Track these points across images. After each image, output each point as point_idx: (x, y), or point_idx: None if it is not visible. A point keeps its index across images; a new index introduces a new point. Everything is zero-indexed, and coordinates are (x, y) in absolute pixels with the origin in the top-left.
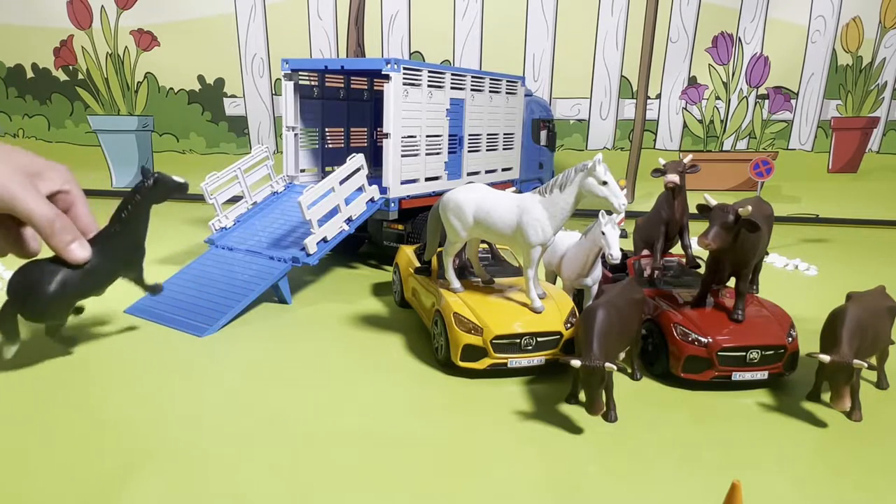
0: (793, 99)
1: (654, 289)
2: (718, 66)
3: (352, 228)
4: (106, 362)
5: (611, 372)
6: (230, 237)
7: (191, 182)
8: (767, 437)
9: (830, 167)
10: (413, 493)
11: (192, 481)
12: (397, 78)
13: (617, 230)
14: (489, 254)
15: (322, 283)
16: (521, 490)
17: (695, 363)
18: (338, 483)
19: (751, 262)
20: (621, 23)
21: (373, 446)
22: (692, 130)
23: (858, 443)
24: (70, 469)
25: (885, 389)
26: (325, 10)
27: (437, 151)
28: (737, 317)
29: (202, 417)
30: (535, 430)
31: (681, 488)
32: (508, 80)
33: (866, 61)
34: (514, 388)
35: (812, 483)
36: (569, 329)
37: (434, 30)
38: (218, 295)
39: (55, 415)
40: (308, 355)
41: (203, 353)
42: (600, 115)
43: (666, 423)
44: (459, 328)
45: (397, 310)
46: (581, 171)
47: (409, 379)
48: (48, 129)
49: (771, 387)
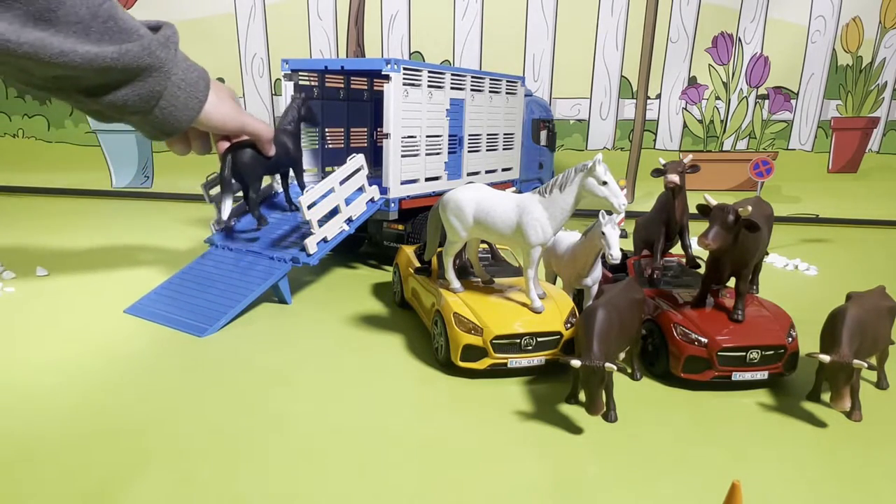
0: (793, 99)
1: (654, 289)
2: (718, 67)
3: (352, 229)
4: (105, 362)
5: (611, 372)
6: (230, 237)
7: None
8: (767, 437)
9: (830, 167)
10: (413, 493)
11: (191, 481)
12: (397, 78)
13: (617, 230)
14: (489, 254)
15: (322, 283)
16: (521, 490)
17: (695, 363)
18: (338, 483)
19: (751, 263)
20: (621, 23)
21: (372, 446)
22: (692, 130)
23: (858, 443)
24: (69, 469)
25: (885, 389)
26: (325, 10)
27: (437, 151)
28: (737, 317)
29: (202, 417)
30: (535, 430)
31: (681, 488)
32: (508, 81)
33: (866, 61)
34: (514, 388)
35: (812, 483)
36: (569, 329)
37: (434, 30)
38: (218, 295)
39: (55, 415)
40: (308, 355)
41: (203, 353)
42: (600, 116)
43: (666, 423)
44: (459, 328)
45: (397, 310)
46: (581, 171)
47: (409, 379)
48: (48, 129)
49: (771, 387)
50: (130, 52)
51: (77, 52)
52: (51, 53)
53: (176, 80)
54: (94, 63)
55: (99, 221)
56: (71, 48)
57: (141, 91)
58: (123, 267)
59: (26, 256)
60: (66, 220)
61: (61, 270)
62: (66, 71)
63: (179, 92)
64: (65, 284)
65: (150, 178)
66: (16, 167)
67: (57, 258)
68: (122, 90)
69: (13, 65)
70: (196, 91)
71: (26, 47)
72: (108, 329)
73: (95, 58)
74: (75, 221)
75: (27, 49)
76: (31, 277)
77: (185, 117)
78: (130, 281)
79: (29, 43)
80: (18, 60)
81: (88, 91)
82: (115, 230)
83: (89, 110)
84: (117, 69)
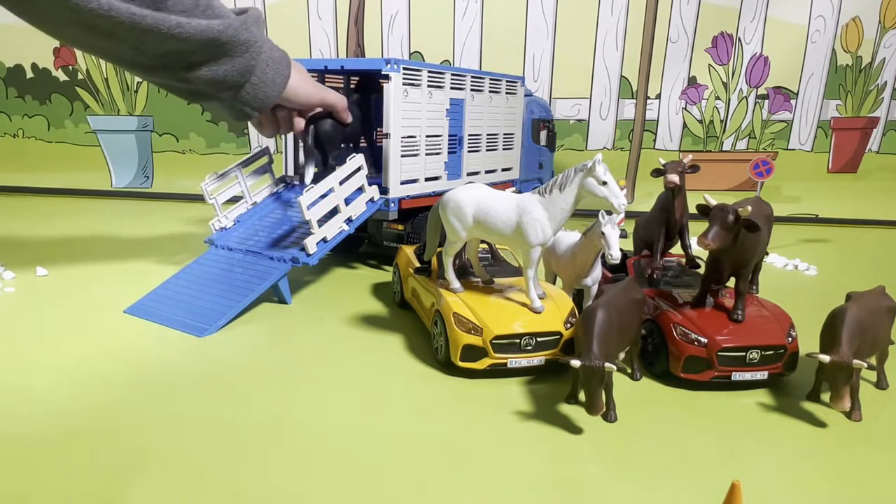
0: (792, 99)
1: (654, 289)
2: (718, 66)
3: (352, 228)
4: (105, 362)
5: (611, 372)
6: (230, 237)
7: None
8: (767, 437)
9: (830, 167)
10: (413, 493)
11: (191, 481)
12: (397, 78)
13: (617, 230)
14: (489, 254)
15: (322, 283)
16: (521, 490)
17: (695, 363)
18: (337, 482)
19: (751, 263)
20: (621, 23)
21: (372, 446)
22: (692, 130)
23: (858, 443)
24: (69, 469)
25: (885, 389)
26: (325, 10)
27: (436, 151)
28: (737, 317)
29: (202, 417)
30: (535, 430)
31: (681, 488)
32: (508, 81)
33: (866, 61)
34: (514, 388)
35: (812, 483)
36: (569, 329)
37: (434, 30)
38: (218, 295)
39: (55, 415)
40: (308, 355)
41: (203, 353)
42: (600, 115)
43: (666, 423)
44: (459, 328)
45: (397, 310)
46: (581, 171)
47: (409, 379)
48: (48, 129)
49: (771, 387)
50: (232, 25)
51: (190, 23)
52: (169, 25)
53: (265, 56)
54: (204, 34)
55: (99, 221)
56: (186, 21)
57: (238, 65)
58: (123, 267)
59: (26, 256)
60: (66, 220)
61: (61, 270)
62: (178, 44)
63: (267, 69)
64: (65, 284)
65: (150, 178)
66: (16, 167)
67: (57, 258)
68: (221, 64)
69: (132, 41)
70: (281, 67)
71: (149, 19)
72: (107, 329)
73: (206, 29)
74: (75, 221)
75: (150, 21)
76: (31, 277)
77: (273, 92)
78: (130, 281)
79: (152, 16)
80: (142, 34)
81: (191, 66)
82: (115, 230)
83: (188, 89)
84: (220, 42)
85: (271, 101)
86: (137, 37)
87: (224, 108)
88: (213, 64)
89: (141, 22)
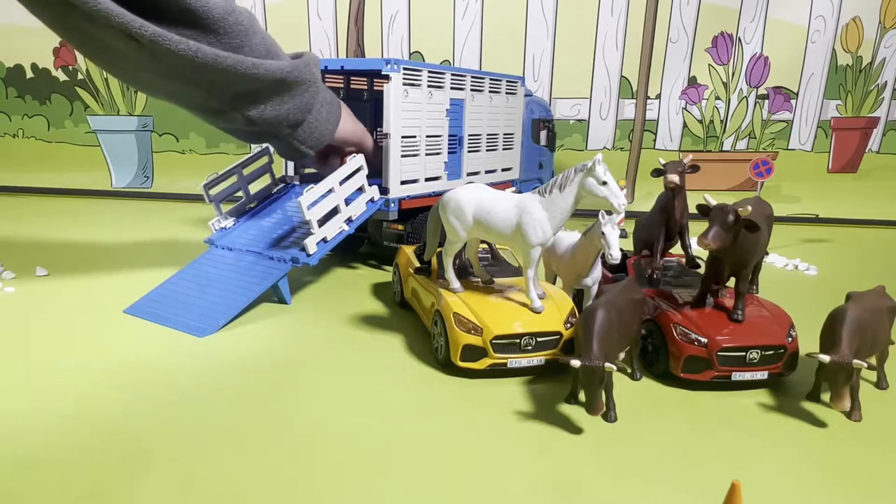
0: (793, 99)
1: (654, 289)
2: (718, 66)
3: (352, 229)
4: (105, 362)
5: (611, 372)
6: (230, 237)
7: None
8: (767, 437)
9: (830, 167)
10: (412, 493)
11: (191, 481)
12: (397, 78)
13: (617, 230)
14: (489, 254)
15: (322, 283)
16: (521, 490)
17: (695, 363)
18: (337, 482)
19: (751, 263)
20: (621, 23)
21: (372, 446)
22: (692, 130)
23: (858, 443)
24: (69, 469)
25: (885, 389)
26: (325, 10)
27: (436, 152)
28: (737, 317)
29: (202, 417)
30: (534, 430)
31: (681, 488)
32: (508, 81)
33: (866, 61)
34: (514, 388)
35: (812, 483)
36: (569, 329)
37: (434, 30)
38: (218, 295)
39: (54, 415)
40: (308, 355)
41: (203, 353)
42: (600, 115)
43: (666, 424)
44: (459, 328)
45: (397, 310)
46: (581, 171)
47: (409, 379)
48: (48, 129)
49: (771, 387)
50: (297, 66)
51: (264, 64)
52: (246, 66)
53: (321, 97)
54: (275, 74)
55: (99, 221)
56: (260, 62)
57: (299, 103)
58: (123, 267)
59: (26, 256)
60: (66, 220)
61: (61, 270)
62: (250, 84)
63: (322, 109)
64: (65, 284)
65: (150, 178)
66: (16, 167)
67: (57, 258)
68: (285, 103)
69: (206, 84)
70: (333, 108)
71: (230, 60)
72: (107, 329)
73: (277, 69)
74: (75, 221)
75: (231, 62)
76: (31, 277)
77: (327, 131)
78: (130, 281)
79: (232, 58)
80: (219, 73)
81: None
82: (115, 230)
83: (250, 131)
84: (287, 81)
85: (326, 140)
86: (214, 78)
87: (282, 146)
88: (277, 102)
89: (223, 62)
